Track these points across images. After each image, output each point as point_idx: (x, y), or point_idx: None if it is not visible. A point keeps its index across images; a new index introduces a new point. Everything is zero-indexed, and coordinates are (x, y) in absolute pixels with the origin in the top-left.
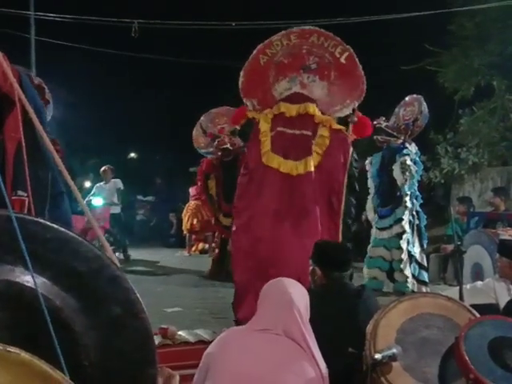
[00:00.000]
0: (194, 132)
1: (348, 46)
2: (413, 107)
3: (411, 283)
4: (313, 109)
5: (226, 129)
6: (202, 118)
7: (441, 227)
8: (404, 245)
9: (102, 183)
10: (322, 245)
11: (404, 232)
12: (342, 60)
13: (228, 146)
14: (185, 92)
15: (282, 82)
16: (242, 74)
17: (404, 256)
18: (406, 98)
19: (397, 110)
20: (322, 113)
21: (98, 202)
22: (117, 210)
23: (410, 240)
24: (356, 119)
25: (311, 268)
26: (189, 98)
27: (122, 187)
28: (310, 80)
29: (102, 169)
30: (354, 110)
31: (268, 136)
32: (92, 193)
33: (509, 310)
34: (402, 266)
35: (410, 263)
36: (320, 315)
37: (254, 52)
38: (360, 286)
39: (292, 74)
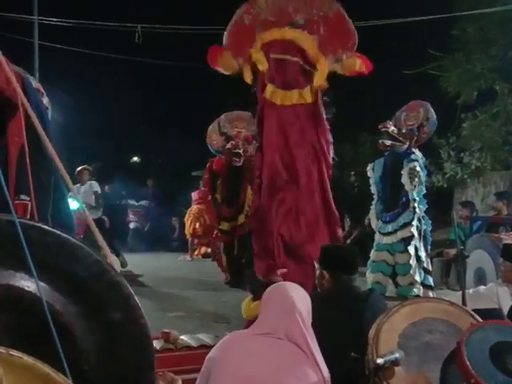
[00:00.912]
0: (209, 127)
1: (336, 1)
2: (417, 113)
3: (418, 288)
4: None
5: (242, 134)
6: (222, 117)
7: (443, 231)
8: (412, 250)
9: (77, 185)
10: (330, 248)
11: (412, 237)
12: (331, 15)
13: (241, 151)
14: (187, 95)
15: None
16: (226, 34)
17: (413, 262)
18: (410, 103)
19: (398, 113)
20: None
21: (72, 205)
22: (96, 214)
23: (418, 245)
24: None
25: (318, 272)
26: (191, 102)
27: (99, 190)
28: (298, 35)
29: (78, 169)
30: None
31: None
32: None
33: None
34: (411, 271)
35: (419, 269)
36: (326, 319)
37: (238, 12)
38: (368, 290)
39: (277, 29)
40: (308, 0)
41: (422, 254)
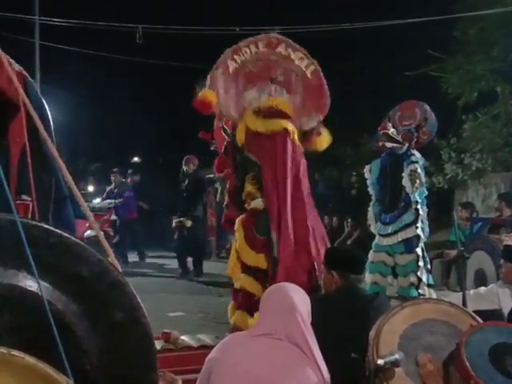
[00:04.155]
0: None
1: (314, 60)
2: (412, 113)
3: (423, 289)
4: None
5: None
6: None
7: (444, 233)
8: (420, 251)
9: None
10: (337, 249)
11: (413, 238)
12: (308, 74)
13: None
14: (188, 97)
15: (251, 91)
16: (209, 78)
17: (421, 263)
18: (404, 102)
19: (391, 113)
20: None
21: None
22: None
23: (423, 246)
24: (321, 131)
25: (325, 274)
26: (192, 103)
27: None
28: (278, 92)
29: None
30: (318, 123)
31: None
32: None
33: None
34: (418, 273)
35: (425, 270)
36: (330, 319)
37: (223, 57)
38: (374, 293)
39: (260, 83)
40: (288, 57)
41: (426, 255)
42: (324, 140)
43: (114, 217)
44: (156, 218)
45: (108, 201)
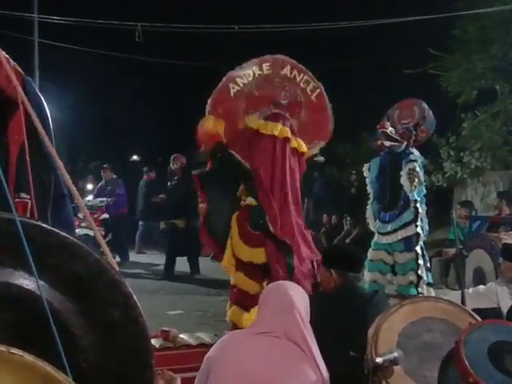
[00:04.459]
0: None
1: (319, 83)
2: (411, 111)
3: (422, 287)
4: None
5: None
6: None
7: (443, 231)
8: (419, 250)
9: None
10: (335, 247)
11: (413, 236)
12: (313, 98)
13: None
14: (187, 95)
15: (252, 116)
16: (209, 101)
17: (421, 261)
18: (403, 101)
19: (390, 111)
20: None
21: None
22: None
23: (422, 245)
24: (322, 159)
25: (324, 272)
26: (191, 101)
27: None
28: None
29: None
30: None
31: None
32: None
33: None
34: (419, 271)
35: (424, 268)
36: (329, 317)
37: (224, 80)
38: (373, 292)
39: (263, 109)
40: (294, 79)
41: (426, 253)
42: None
43: (105, 215)
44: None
45: (100, 199)
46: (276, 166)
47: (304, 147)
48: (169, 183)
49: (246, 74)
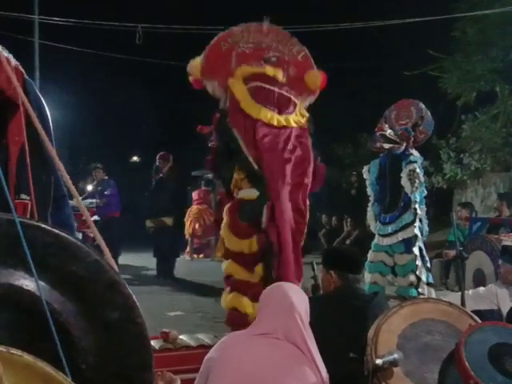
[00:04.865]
0: None
1: (304, 47)
2: (408, 111)
3: (423, 288)
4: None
5: None
6: None
7: (443, 232)
8: (417, 251)
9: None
10: (335, 249)
11: (413, 238)
12: (299, 58)
13: None
14: (188, 96)
15: (239, 84)
16: (201, 57)
17: (418, 262)
18: (399, 101)
19: (387, 112)
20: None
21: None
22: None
23: (421, 246)
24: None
25: (324, 273)
26: (192, 102)
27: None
28: None
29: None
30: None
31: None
32: None
33: None
34: (417, 272)
35: (424, 269)
36: (329, 319)
37: (215, 39)
38: (373, 293)
39: (253, 63)
40: (279, 40)
41: (426, 253)
42: (314, 80)
43: (95, 217)
44: None
45: (89, 200)
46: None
47: (291, 122)
48: (153, 181)
49: (235, 33)
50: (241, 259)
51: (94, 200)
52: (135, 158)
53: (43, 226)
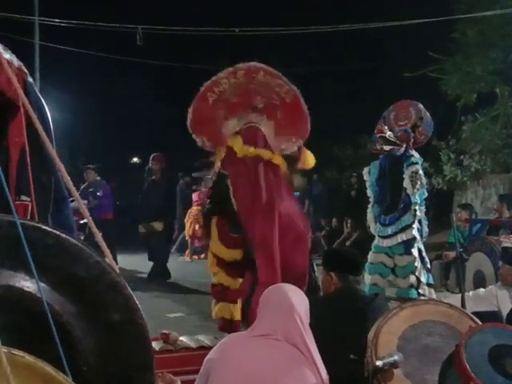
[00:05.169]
0: None
1: (293, 86)
2: (407, 112)
3: (423, 289)
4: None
5: None
6: None
7: (443, 234)
8: (416, 252)
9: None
10: (335, 251)
11: (413, 239)
12: (288, 100)
13: None
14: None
15: (232, 121)
16: (190, 111)
17: (418, 263)
18: (398, 102)
19: (385, 113)
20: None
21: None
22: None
23: (421, 247)
24: (302, 154)
25: (323, 275)
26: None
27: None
28: (258, 119)
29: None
30: (299, 148)
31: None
32: None
33: None
34: (416, 273)
35: (423, 270)
36: (329, 320)
37: (202, 89)
38: (373, 295)
39: (241, 113)
40: (268, 84)
41: (425, 255)
42: (308, 161)
43: (84, 220)
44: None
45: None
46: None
47: (279, 160)
48: (145, 183)
49: (222, 82)
50: (229, 268)
51: (85, 201)
52: (135, 159)
53: (44, 227)
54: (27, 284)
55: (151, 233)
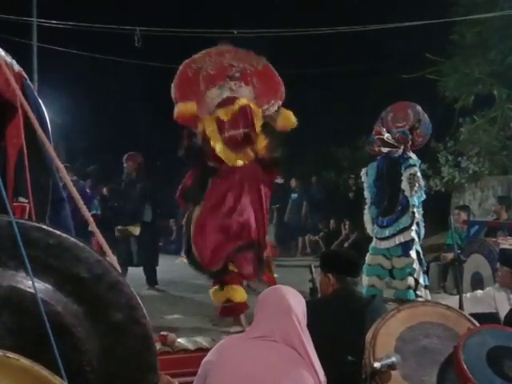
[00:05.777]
0: None
1: (261, 57)
2: (405, 114)
3: (421, 291)
4: (244, 101)
5: None
6: None
7: (441, 236)
8: (414, 254)
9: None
10: (333, 252)
11: (410, 241)
12: (260, 68)
13: None
14: None
15: (213, 90)
16: (172, 86)
17: (416, 266)
18: (395, 104)
19: (383, 114)
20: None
21: None
22: None
23: (418, 249)
24: (281, 113)
25: (322, 277)
26: None
27: None
28: (237, 86)
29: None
30: (279, 108)
31: (217, 136)
32: None
33: (510, 319)
34: (415, 275)
35: (421, 272)
36: (326, 322)
37: (180, 67)
38: (371, 296)
39: (220, 82)
40: (239, 58)
41: (423, 256)
42: (287, 118)
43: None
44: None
45: None
46: None
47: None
48: (123, 184)
49: (198, 59)
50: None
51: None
52: None
53: (46, 227)
54: (29, 284)
55: (127, 237)
